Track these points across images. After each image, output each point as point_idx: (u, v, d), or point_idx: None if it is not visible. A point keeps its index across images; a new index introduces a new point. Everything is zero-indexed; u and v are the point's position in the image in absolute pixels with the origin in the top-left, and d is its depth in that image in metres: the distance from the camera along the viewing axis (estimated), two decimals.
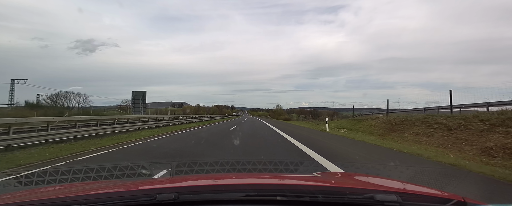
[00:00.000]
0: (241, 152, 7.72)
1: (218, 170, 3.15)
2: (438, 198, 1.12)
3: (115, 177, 2.79)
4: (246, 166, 3.21)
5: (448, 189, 3.25)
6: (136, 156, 7.15)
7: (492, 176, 4.75)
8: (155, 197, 1.04)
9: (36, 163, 6.10)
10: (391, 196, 1.03)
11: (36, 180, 2.87)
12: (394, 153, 7.54)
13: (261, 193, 1.13)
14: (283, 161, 3.42)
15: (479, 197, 3.27)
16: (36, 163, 6.05)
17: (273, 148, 8.60)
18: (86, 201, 1.06)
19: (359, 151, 7.83)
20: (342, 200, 1.06)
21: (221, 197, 1.12)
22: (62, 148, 8.32)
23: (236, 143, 9.73)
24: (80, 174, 2.68)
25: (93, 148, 8.52)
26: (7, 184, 3.76)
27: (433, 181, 3.81)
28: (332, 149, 8.38)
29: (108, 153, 7.62)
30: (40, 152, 7.56)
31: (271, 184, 1.42)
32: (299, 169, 3.61)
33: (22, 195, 1.46)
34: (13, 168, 5.58)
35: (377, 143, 9.83)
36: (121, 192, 1.28)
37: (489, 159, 6.50)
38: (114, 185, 1.69)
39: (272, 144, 9.73)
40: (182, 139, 11.50)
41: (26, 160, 6.43)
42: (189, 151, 8.02)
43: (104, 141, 10.41)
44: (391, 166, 5.39)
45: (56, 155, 7.01)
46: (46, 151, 7.72)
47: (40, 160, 6.43)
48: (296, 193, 1.12)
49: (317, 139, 11.57)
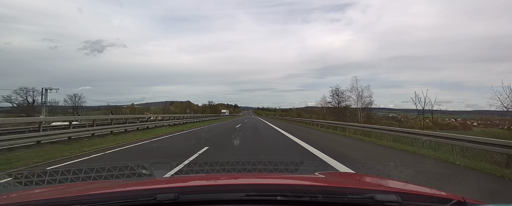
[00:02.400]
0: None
1: (218, 170, 3.15)
2: (438, 198, 1.12)
3: (115, 177, 2.79)
4: (246, 166, 3.21)
5: (448, 189, 3.25)
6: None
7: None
8: (155, 197, 1.04)
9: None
10: (391, 196, 1.03)
11: (36, 180, 2.87)
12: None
13: (261, 193, 1.13)
14: (283, 161, 3.42)
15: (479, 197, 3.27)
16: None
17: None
18: (86, 201, 1.06)
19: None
20: (342, 200, 1.06)
21: (221, 197, 1.12)
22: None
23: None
24: (80, 174, 2.69)
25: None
26: (7, 184, 3.76)
27: (433, 181, 3.81)
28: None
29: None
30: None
31: (271, 184, 1.42)
32: (299, 169, 3.62)
33: (22, 195, 1.46)
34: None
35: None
36: (121, 192, 1.28)
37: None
38: (114, 185, 1.69)
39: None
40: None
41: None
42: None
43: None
44: (391, 166, 5.39)
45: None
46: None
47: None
48: (296, 193, 1.12)
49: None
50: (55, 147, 8.87)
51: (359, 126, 15.15)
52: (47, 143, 9.57)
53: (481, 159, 6.94)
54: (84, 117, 19.48)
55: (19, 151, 7.88)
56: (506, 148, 5.97)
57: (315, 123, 23.69)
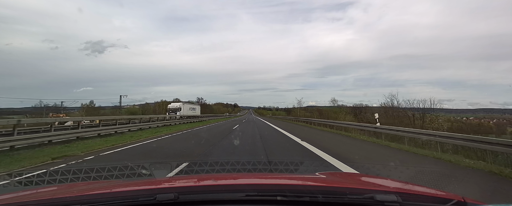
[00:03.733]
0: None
1: (218, 170, 3.15)
2: (438, 198, 1.12)
3: (115, 177, 2.79)
4: (246, 166, 3.21)
5: (448, 189, 3.25)
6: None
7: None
8: (155, 197, 1.04)
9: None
10: (391, 196, 1.03)
11: (36, 180, 2.88)
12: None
13: (261, 193, 1.13)
14: (283, 161, 3.42)
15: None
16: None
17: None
18: (86, 201, 1.06)
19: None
20: (342, 200, 1.05)
21: (221, 197, 1.12)
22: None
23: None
24: (80, 174, 2.69)
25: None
26: (7, 184, 3.76)
27: (434, 181, 3.81)
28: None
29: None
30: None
31: (271, 184, 1.42)
32: (299, 169, 3.62)
33: (22, 195, 1.45)
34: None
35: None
36: (121, 192, 1.28)
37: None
38: (114, 185, 1.69)
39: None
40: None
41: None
42: None
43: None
44: (391, 166, 5.39)
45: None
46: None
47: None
48: (296, 193, 1.12)
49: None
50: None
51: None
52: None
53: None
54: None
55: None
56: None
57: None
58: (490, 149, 5.99)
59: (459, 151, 6.76)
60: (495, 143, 5.95)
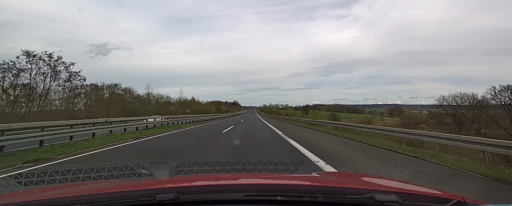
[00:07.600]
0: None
1: (218, 170, 3.15)
2: (438, 198, 1.12)
3: (115, 177, 2.79)
4: (246, 166, 3.21)
5: (448, 189, 3.25)
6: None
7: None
8: (155, 197, 1.04)
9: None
10: (391, 196, 1.03)
11: (36, 180, 2.87)
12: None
13: (261, 193, 1.13)
14: (283, 161, 3.42)
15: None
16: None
17: None
18: (86, 201, 1.06)
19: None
20: (342, 200, 1.05)
21: (221, 197, 1.12)
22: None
23: None
24: (80, 174, 2.69)
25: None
26: (7, 184, 3.76)
27: (434, 181, 3.81)
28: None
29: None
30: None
31: (271, 184, 1.42)
32: (299, 169, 3.62)
33: (22, 195, 1.45)
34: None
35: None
36: (121, 192, 1.28)
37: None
38: (114, 185, 1.69)
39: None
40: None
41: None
42: None
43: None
44: (391, 166, 5.39)
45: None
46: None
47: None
48: (296, 193, 1.12)
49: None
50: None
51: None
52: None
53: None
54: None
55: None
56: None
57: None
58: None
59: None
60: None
